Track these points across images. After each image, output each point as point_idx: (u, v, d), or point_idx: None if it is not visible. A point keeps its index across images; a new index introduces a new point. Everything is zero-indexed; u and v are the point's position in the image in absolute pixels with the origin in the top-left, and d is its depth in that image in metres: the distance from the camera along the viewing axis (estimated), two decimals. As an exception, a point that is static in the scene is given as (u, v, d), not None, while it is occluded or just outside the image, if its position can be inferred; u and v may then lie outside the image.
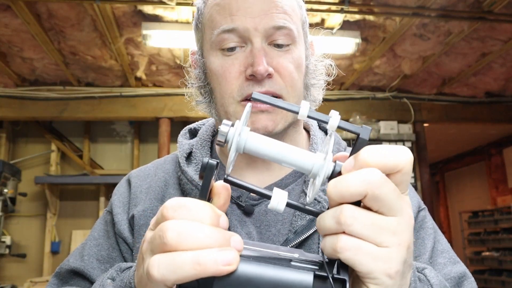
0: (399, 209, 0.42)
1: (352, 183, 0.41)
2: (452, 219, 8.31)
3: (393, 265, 0.42)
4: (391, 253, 0.42)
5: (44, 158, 4.71)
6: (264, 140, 0.45)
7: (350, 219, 0.41)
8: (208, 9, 0.77)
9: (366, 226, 0.41)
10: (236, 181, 0.46)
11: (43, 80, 4.31)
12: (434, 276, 0.58)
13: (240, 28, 0.72)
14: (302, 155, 0.45)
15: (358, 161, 0.43)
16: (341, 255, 0.41)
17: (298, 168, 0.46)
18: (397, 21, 3.31)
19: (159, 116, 4.41)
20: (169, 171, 0.86)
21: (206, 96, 0.81)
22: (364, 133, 0.44)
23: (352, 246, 0.41)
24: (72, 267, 0.81)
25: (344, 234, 0.42)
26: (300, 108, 0.44)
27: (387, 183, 0.42)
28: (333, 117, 0.44)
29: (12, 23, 3.24)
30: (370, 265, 0.41)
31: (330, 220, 0.43)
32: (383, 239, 0.42)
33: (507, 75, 4.39)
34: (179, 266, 0.39)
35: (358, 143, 0.44)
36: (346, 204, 0.42)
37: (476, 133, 6.31)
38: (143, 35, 3.25)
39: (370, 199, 0.41)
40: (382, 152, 0.43)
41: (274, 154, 0.45)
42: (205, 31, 0.78)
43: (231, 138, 0.44)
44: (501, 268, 6.05)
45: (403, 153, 0.43)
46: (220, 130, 0.44)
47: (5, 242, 4.28)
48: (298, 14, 0.79)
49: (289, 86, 0.74)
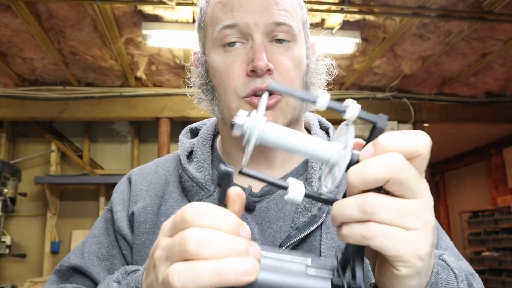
0: (420, 192, 0.43)
1: (375, 169, 0.41)
2: (452, 219, 8.31)
3: (422, 246, 0.43)
4: (419, 235, 0.42)
5: (44, 158, 4.71)
6: (281, 131, 0.45)
7: (377, 208, 0.41)
8: (211, 8, 0.78)
9: (393, 212, 0.42)
10: (252, 173, 0.45)
11: (43, 80, 4.31)
12: (453, 261, 0.58)
13: (241, 23, 0.73)
14: (320, 145, 0.44)
15: (378, 148, 0.43)
16: (371, 242, 0.42)
17: (315, 158, 0.45)
18: (397, 21, 3.31)
19: (159, 116, 4.41)
20: (170, 169, 0.87)
21: (208, 94, 0.81)
22: (381, 122, 0.44)
23: (382, 232, 0.41)
24: (72, 264, 0.81)
25: (372, 222, 0.42)
26: (317, 98, 0.43)
27: (408, 167, 0.42)
28: (352, 107, 0.43)
29: (12, 23, 3.24)
30: (401, 249, 0.42)
31: (353, 208, 0.43)
32: (410, 223, 0.42)
33: (507, 75, 4.39)
34: (199, 275, 0.39)
35: (375, 131, 0.44)
36: (370, 192, 0.42)
37: (476, 133, 6.31)
38: (143, 35, 3.25)
39: (394, 183, 0.41)
40: (401, 137, 0.43)
41: (292, 145, 0.44)
42: (207, 30, 0.79)
43: (249, 129, 0.43)
44: (501, 268, 6.05)
45: (422, 137, 0.44)
46: (236, 123, 0.43)
47: (5, 242, 4.28)
48: (299, 13, 0.80)
49: (287, 84, 0.75)
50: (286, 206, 0.76)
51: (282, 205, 0.76)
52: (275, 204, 0.77)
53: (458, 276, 0.55)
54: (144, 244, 0.78)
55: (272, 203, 0.77)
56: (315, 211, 0.73)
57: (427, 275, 0.47)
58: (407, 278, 0.44)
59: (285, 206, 0.76)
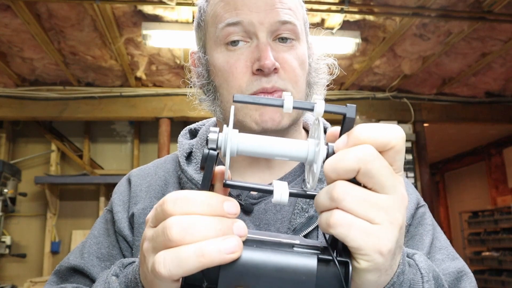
0: (392, 187, 0.43)
1: (345, 159, 0.42)
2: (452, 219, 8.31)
3: (385, 242, 0.42)
4: (383, 230, 0.42)
5: (44, 158, 4.71)
6: (255, 139, 0.46)
7: (342, 194, 0.42)
8: (212, 7, 0.78)
9: (358, 202, 0.42)
10: (235, 183, 0.47)
11: (43, 80, 4.31)
12: (423, 260, 0.58)
13: (245, 21, 0.72)
14: (295, 145, 0.46)
15: (350, 139, 0.43)
16: (333, 230, 0.42)
17: (293, 158, 0.46)
18: (397, 21, 3.31)
19: (159, 116, 4.41)
20: (169, 170, 0.86)
21: (210, 94, 0.81)
22: (350, 112, 0.45)
23: (345, 221, 0.42)
24: (72, 265, 0.81)
25: (337, 210, 0.42)
26: (283, 101, 0.45)
27: (379, 159, 0.42)
28: (318, 103, 0.44)
29: (12, 23, 3.24)
30: (362, 241, 0.41)
31: (324, 196, 0.43)
32: (375, 216, 0.42)
33: (507, 75, 4.39)
34: (184, 260, 0.40)
35: (346, 122, 0.45)
36: (340, 180, 0.43)
37: (476, 133, 6.31)
38: (143, 35, 3.25)
39: (363, 174, 0.42)
40: (374, 129, 0.43)
41: (268, 150, 0.46)
42: (208, 29, 0.79)
43: (223, 143, 0.44)
44: (501, 268, 6.05)
45: (395, 130, 0.44)
46: (209, 139, 0.44)
47: (5, 242, 4.28)
48: (301, 12, 0.80)
49: (293, 82, 0.75)
50: (284, 208, 0.76)
51: (280, 207, 0.76)
52: (272, 206, 0.77)
53: (424, 276, 0.54)
54: None
55: (269, 205, 0.77)
56: (312, 212, 0.73)
57: (388, 274, 0.46)
58: (366, 272, 0.43)
59: (282, 208, 0.76)
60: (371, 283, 0.45)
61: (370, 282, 0.44)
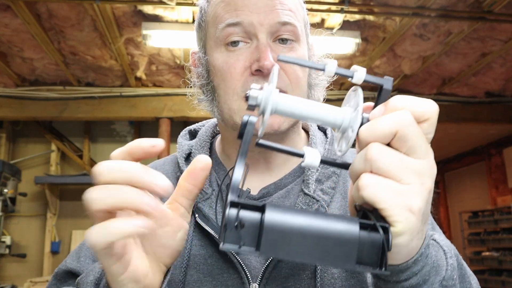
0: (425, 153, 0.44)
1: (384, 122, 0.43)
2: (452, 219, 8.31)
3: (415, 201, 0.43)
4: (413, 189, 0.43)
5: (44, 158, 4.71)
6: (294, 100, 0.47)
7: (377, 154, 0.43)
8: (212, 7, 0.77)
9: (392, 162, 0.43)
10: (267, 143, 0.48)
11: (43, 80, 4.31)
12: (443, 239, 0.59)
13: (245, 22, 0.72)
14: (332, 110, 0.47)
15: (388, 107, 0.45)
16: (363, 191, 0.43)
17: (328, 123, 0.47)
18: (397, 21, 3.31)
19: (159, 116, 4.41)
20: (168, 172, 0.86)
21: (208, 94, 0.80)
22: (387, 84, 0.47)
23: (373, 182, 0.42)
24: (69, 268, 0.81)
25: (367, 173, 0.43)
26: (325, 65, 0.46)
27: (416, 126, 0.44)
28: (359, 71, 0.46)
29: (12, 23, 3.24)
30: (391, 200, 0.42)
31: (359, 159, 0.45)
32: (406, 177, 0.43)
33: (507, 75, 4.39)
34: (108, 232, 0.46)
35: (382, 93, 0.47)
36: (374, 142, 0.44)
37: (476, 133, 6.30)
38: (143, 35, 3.25)
39: (399, 138, 0.43)
40: (411, 99, 0.45)
41: (305, 113, 0.47)
42: (209, 29, 0.78)
43: (263, 101, 0.45)
44: (501, 268, 6.04)
45: (431, 103, 0.46)
46: (250, 95, 0.45)
47: (5, 242, 4.29)
48: (301, 13, 0.79)
49: (293, 83, 0.74)
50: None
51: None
52: None
53: (446, 253, 0.55)
54: None
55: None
56: None
57: (419, 238, 0.46)
58: (399, 235, 0.43)
59: None
60: (402, 248, 0.45)
61: (402, 246, 0.44)
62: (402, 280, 0.49)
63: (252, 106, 0.46)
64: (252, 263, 0.71)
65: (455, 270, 0.54)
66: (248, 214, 0.42)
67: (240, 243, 0.41)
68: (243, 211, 0.41)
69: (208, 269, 0.72)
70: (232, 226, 0.41)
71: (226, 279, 0.70)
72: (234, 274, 0.70)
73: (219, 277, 0.71)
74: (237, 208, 0.41)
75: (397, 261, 0.47)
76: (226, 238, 0.41)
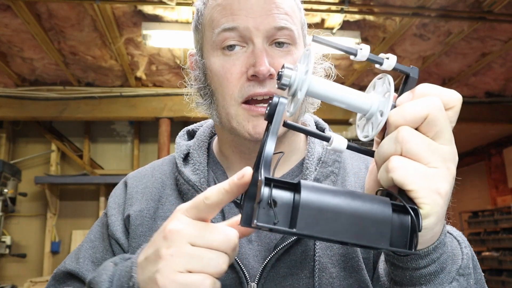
0: (450, 140, 0.46)
1: (415, 106, 0.44)
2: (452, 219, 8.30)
3: (442, 184, 0.44)
4: (440, 173, 0.44)
5: (44, 158, 4.71)
6: (326, 83, 0.48)
7: (408, 136, 0.44)
8: (209, 10, 0.77)
9: (421, 145, 0.44)
10: (294, 124, 0.49)
11: (43, 80, 4.31)
12: (455, 230, 0.60)
13: (241, 27, 0.72)
14: (361, 96, 0.48)
15: (416, 94, 0.46)
16: (393, 173, 0.43)
17: (356, 108, 0.48)
18: (397, 21, 3.31)
19: (159, 116, 4.41)
20: (166, 172, 0.86)
21: (206, 98, 0.80)
22: (413, 73, 0.48)
23: (403, 164, 0.43)
24: (67, 269, 0.81)
25: (396, 156, 0.44)
26: (358, 50, 0.47)
27: (444, 112, 0.45)
28: (391, 58, 0.48)
29: (12, 23, 3.24)
30: (419, 182, 0.43)
31: (388, 141, 0.45)
32: (433, 160, 0.44)
33: (507, 75, 4.39)
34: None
35: (409, 81, 0.48)
36: (405, 125, 0.45)
37: (476, 133, 6.30)
38: (143, 35, 3.25)
39: (429, 122, 0.44)
40: (437, 87, 0.47)
41: (335, 96, 0.48)
42: (205, 32, 0.78)
43: (297, 81, 0.46)
44: (501, 268, 6.04)
45: (455, 92, 0.48)
46: (284, 74, 0.46)
47: (5, 242, 4.28)
48: (298, 16, 0.79)
49: None
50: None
51: None
52: None
53: (461, 243, 0.56)
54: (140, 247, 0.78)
55: None
56: None
57: (442, 223, 0.48)
58: (427, 217, 0.44)
59: None
60: (428, 230, 0.46)
61: (428, 229, 0.45)
62: (421, 267, 0.49)
63: (285, 86, 0.46)
64: (250, 262, 0.71)
65: (470, 259, 0.55)
66: (281, 192, 0.41)
67: (273, 222, 0.40)
68: (276, 190, 0.41)
69: None
70: (265, 203, 0.40)
71: (224, 279, 0.70)
72: (233, 273, 0.70)
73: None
74: (269, 186, 0.41)
75: (420, 245, 0.48)
76: (259, 217, 0.40)
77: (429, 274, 0.50)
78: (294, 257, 0.71)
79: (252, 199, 0.42)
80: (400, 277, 0.52)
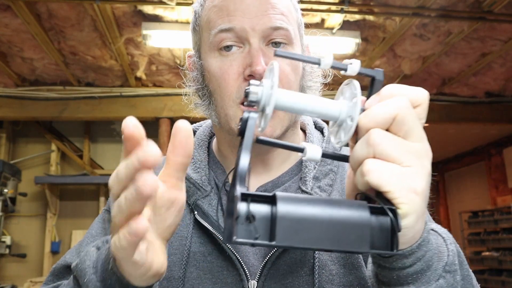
0: (421, 137, 0.46)
1: (383, 108, 0.45)
2: (452, 219, 8.31)
3: (418, 182, 0.44)
4: (415, 171, 0.44)
5: (44, 158, 4.71)
6: (293, 95, 0.48)
7: (379, 139, 0.44)
8: (206, 12, 0.78)
9: (393, 146, 0.44)
10: (267, 140, 0.49)
11: (43, 80, 4.31)
12: (440, 228, 0.59)
13: (237, 28, 0.73)
14: (329, 103, 0.48)
15: (382, 96, 0.47)
16: (367, 177, 0.43)
17: (326, 116, 0.48)
18: (397, 21, 3.31)
19: (159, 116, 4.41)
20: None
21: (205, 98, 0.81)
22: (378, 75, 0.48)
23: (378, 166, 0.43)
24: (68, 263, 0.81)
25: (370, 158, 0.44)
26: (320, 59, 0.47)
27: (412, 110, 0.45)
28: (354, 63, 0.48)
29: (12, 23, 3.24)
30: (395, 183, 0.43)
31: (361, 145, 0.46)
32: (407, 159, 0.44)
33: (507, 75, 4.39)
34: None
35: (375, 84, 0.48)
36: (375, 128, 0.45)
37: (476, 133, 6.31)
38: (143, 35, 3.25)
39: (398, 121, 0.44)
40: (403, 87, 0.48)
41: (305, 107, 0.48)
42: (203, 34, 0.79)
43: (264, 96, 0.46)
44: (501, 268, 6.05)
45: (422, 90, 0.48)
46: (251, 91, 0.46)
47: (5, 242, 4.29)
48: (294, 16, 0.80)
49: (286, 87, 0.74)
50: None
51: None
52: None
53: (446, 240, 0.56)
54: None
55: None
56: None
57: (423, 220, 0.47)
58: (406, 216, 0.44)
59: None
60: (409, 229, 0.45)
61: (408, 228, 0.45)
62: (407, 266, 0.49)
63: (253, 102, 0.46)
64: (251, 260, 0.72)
65: (456, 256, 0.55)
66: (258, 206, 0.41)
67: (254, 236, 0.40)
68: (253, 204, 0.41)
69: (208, 266, 0.72)
70: (243, 219, 0.40)
71: (225, 276, 0.71)
72: (233, 271, 0.71)
73: (219, 274, 0.71)
74: (246, 202, 0.41)
75: (402, 244, 0.48)
76: (239, 232, 0.40)
77: (416, 272, 0.50)
78: (294, 255, 0.71)
79: (232, 215, 0.42)
80: (387, 277, 0.52)
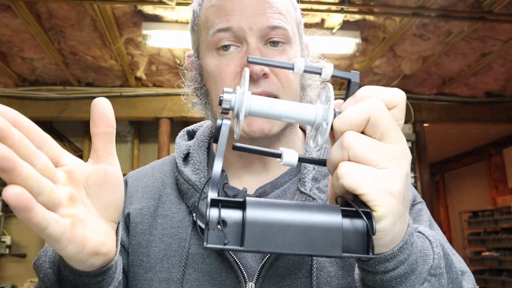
0: (398, 138, 0.45)
1: (357, 110, 0.44)
2: (452, 219, 8.31)
3: (394, 183, 0.43)
4: (390, 173, 0.43)
5: (44, 158, 4.71)
6: (266, 101, 0.48)
7: (353, 141, 0.43)
8: (204, 11, 0.78)
9: (368, 148, 0.43)
10: (244, 146, 0.49)
11: (43, 80, 4.31)
12: (428, 230, 0.58)
13: (235, 27, 0.72)
14: (304, 108, 0.48)
15: (358, 96, 0.46)
16: (343, 180, 0.43)
17: (302, 120, 0.48)
18: (397, 21, 3.31)
19: (159, 116, 4.41)
20: (167, 172, 0.87)
21: (202, 98, 0.81)
22: (354, 77, 0.48)
23: (351, 169, 0.43)
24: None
25: (345, 161, 0.44)
26: (294, 64, 0.47)
27: (387, 112, 0.45)
28: (327, 67, 0.47)
29: (12, 23, 3.24)
30: (370, 185, 0.42)
31: (336, 148, 0.45)
32: (382, 161, 0.43)
33: (507, 75, 4.39)
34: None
35: (351, 87, 0.48)
36: (349, 130, 0.44)
37: (476, 133, 6.31)
38: (143, 35, 3.25)
39: (372, 123, 0.44)
40: (378, 88, 0.47)
41: (278, 112, 0.48)
42: (201, 33, 0.79)
43: (237, 104, 0.46)
44: (501, 268, 6.05)
45: (398, 91, 0.48)
46: (223, 99, 0.46)
47: (5, 242, 4.29)
48: (293, 15, 0.79)
49: (285, 87, 0.75)
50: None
51: None
52: None
53: (432, 242, 0.55)
54: (140, 244, 0.78)
55: None
56: None
57: (402, 222, 0.46)
58: (382, 219, 0.43)
59: None
60: (386, 232, 0.44)
61: (385, 230, 0.44)
62: (390, 270, 0.49)
63: (227, 110, 0.46)
64: (249, 262, 0.72)
65: (442, 259, 0.54)
66: (230, 211, 0.41)
67: (223, 242, 0.40)
68: (224, 209, 0.41)
69: (207, 268, 0.72)
70: (214, 225, 0.40)
71: (224, 278, 0.71)
72: (232, 273, 0.71)
73: (217, 276, 0.71)
74: (217, 207, 0.41)
75: (382, 248, 0.47)
76: (209, 238, 0.40)
77: (399, 276, 0.49)
78: (292, 257, 0.71)
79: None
80: (372, 281, 0.51)
